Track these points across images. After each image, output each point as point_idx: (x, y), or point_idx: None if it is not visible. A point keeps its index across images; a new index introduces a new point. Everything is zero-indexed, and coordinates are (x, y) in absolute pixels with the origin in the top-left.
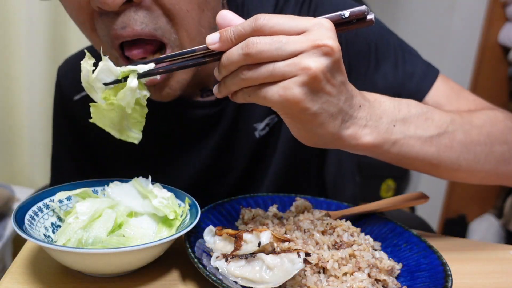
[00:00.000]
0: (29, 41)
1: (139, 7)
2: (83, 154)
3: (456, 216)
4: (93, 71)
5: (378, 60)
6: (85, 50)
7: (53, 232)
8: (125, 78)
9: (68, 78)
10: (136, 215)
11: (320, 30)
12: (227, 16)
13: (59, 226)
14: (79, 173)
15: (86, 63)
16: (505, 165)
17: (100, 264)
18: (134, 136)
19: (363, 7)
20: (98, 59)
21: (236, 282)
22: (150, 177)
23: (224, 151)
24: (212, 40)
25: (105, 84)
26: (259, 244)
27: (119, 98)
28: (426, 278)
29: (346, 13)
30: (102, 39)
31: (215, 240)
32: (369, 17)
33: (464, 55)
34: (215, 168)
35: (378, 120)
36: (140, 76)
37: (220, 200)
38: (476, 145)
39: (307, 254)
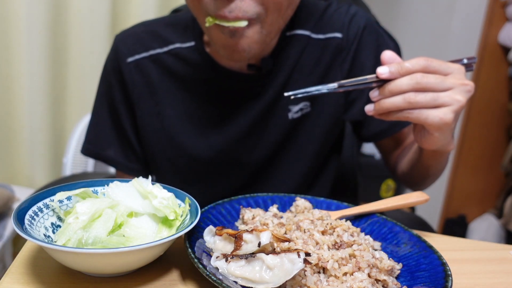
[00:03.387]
0: (29, 41)
1: None
2: (127, 115)
3: (456, 216)
4: None
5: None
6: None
7: (53, 232)
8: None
9: (125, 42)
10: (136, 215)
11: (461, 73)
12: (390, 55)
13: (59, 226)
14: (119, 137)
15: None
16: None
17: (100, 264)
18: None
19: (474, 56)
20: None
21: (236, 282)
22: (150, 177)
23: (258, 125)
24: (383, 71)
25: None
26: (259, 244)
27: None
28: (426, 278)
29: (465, 60)
30: (202, 8)
31: (215, 240)
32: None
33: (464, 55)
34: (248, 140)
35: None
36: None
37: (220, 200)
38: None
39: (307, 254)
